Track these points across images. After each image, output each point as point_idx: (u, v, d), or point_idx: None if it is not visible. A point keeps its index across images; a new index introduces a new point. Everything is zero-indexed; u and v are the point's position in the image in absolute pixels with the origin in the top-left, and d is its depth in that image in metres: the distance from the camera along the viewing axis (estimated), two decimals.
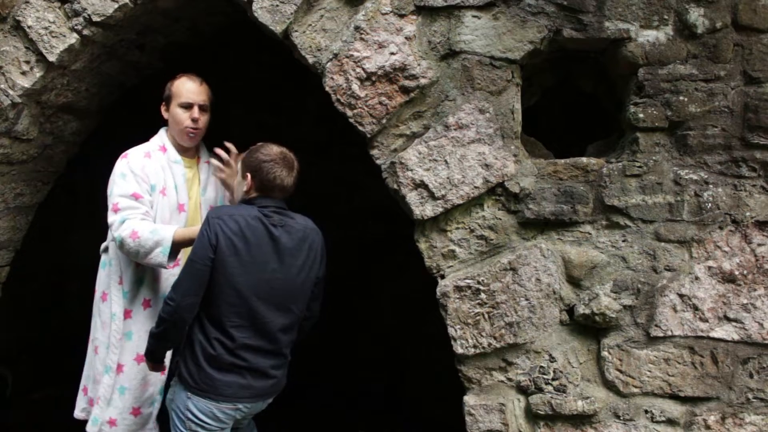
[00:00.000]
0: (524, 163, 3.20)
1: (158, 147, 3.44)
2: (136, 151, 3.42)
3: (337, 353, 5.81)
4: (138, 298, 3.39)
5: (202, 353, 3.02)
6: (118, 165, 3.37)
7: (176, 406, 3.11)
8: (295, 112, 5.87)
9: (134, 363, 3.37)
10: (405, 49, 3.18)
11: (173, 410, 3.14)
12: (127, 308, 3.39)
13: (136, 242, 3.16)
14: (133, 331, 3.38)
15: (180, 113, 3.38)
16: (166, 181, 3.39)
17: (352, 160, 4.88)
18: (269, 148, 3.15)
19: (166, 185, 3.38)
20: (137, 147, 3.45)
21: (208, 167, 3.58)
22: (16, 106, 3.53)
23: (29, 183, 3.92)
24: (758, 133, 3.10)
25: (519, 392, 3.22)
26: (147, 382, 3.39)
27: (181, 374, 3.08)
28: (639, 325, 3.16)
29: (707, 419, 3.13)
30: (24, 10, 3.45)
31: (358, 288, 5.96)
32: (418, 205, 3.22)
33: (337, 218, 5.82)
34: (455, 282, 3.21)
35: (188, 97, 3.38)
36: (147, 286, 3.40)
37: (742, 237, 3.12)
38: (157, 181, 3.36)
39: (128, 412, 3.35)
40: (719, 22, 3.09)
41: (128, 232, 3.18)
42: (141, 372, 3.36)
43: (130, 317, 3.39)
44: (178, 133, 3.42)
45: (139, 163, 3.35)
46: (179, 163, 3.44)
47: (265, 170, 3.08)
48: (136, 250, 3.18)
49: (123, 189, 3.28)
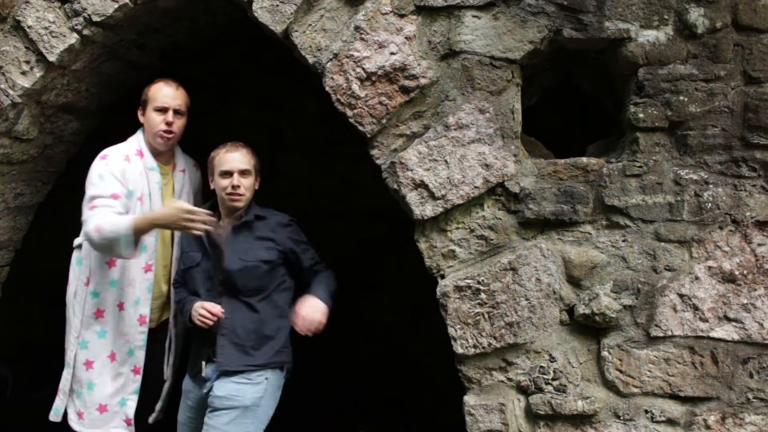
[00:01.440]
0: (524, 163, 3.19)
1: (136, 151, 3.46)
2: (115, 152, 3.43)
3: (337, 353, 5.80)
4: (113, 299, 3.41)
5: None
6: (96, 165, 3.37)
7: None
8: (295, 112, 5.86)
9: (107, 360, 3.42)
10: (405, 49, 3.18)
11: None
12: (100, 308, 3.42)
13: (100, 235, 3.18)
14: (107, 330, 3.42)
15: (155, 117, 3.43)
16: (142, 188, 3.41)
17: (352, 160, 4.88)
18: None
19: (143, 192, 3.40)
20: (116, 148, 3.47)
21: (183, 176, 3.62)
22: (16, 106, 3.53)
23: (29, 183, 3.92)
24: (758, 133, 3.10)
25: (519, 392, 3.22)
26: (116, 380, 3.43)
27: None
28: (639, 325, 3.16)
29: (707, 419, 3.12)
30: (24, 10, 3.44)
31: (358, 288, 5.95)
32: (418, 205, 3.21)
33: (337, 218, 5.83)
34: (455, 282, 3.21)
35: (163, 101, 3.43)
36: (122, 288, 3.41)
37: (742, 237, 3.12)
38: (135, 187, 3.38)
39: (94, 408, 3.41)
40: (719, 22, 3.09)
41: (93, 227, 3.20)
42: (112, 370, 3.41)
43: (102, 317, 3.42)
44: (152, 137, 3.45)
45: (119, 166, 3.37)
46: (155, 170, 3.47)
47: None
48: (100, 244, 3.21)
49: (101, 189, 3.30)
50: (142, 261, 3.42)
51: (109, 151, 3.44)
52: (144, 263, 3.43)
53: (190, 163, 3.72)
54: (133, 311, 3.43)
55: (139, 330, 3.44)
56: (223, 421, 3.21)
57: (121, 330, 3.43)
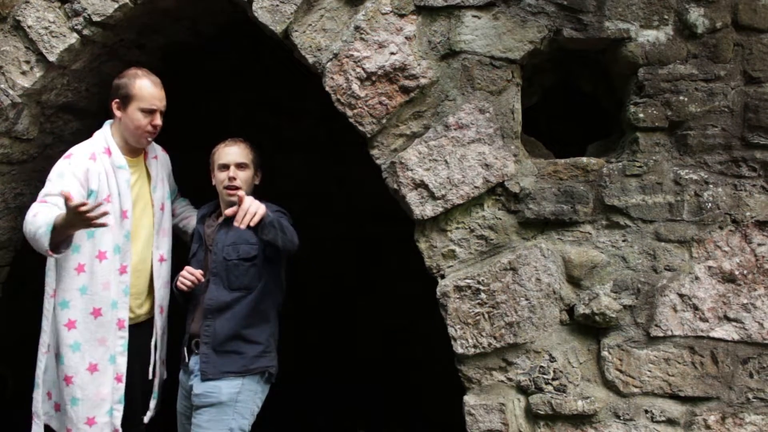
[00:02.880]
0: (524, 163, 3.20)
1: (103, 149, 3.36)
2: (80, 151, 3.34)
3: (337, 353, 5.81)
4: (85, 306, 3.29)
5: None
6: (59, 163, 3.30)
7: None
8: (295, 112, 5.86)
9: (86, 373, 3.29)
10: (405, 49, 3.18)
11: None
12: (71, 318, 3.28)
13: (31, 222, 3.09)
14: (80, 341, 3.28)
15: (141, 117, 3.34)
16: (110, 187, 3.32)
17: (352, 160, 4.88)
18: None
19: (110, 191, 3.32)
20: (82, 145, 3.38)
21: (156, 162, 3.55)
22: (16, 106, 3.53)
23: (29, 183, 3.92)
24: (758, 133, 3.10)
25: (519, 392, 3.22)
26: (99, 391, 3.31)
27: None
28: (639, 325, 3.16)
29: (707, 419, 3.13)
30: (24, 10, 3.44)
31: (358, 288, 5.96)
32: (418, 205, 3.21)
33: (336, 217, 5.83)
34: (455, 282, 3.21)
35: (152, 103, 3.34)
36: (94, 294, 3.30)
37: (742, 237, 3.12)
38: (99, 187, 3.29)
39: (82, 423, 3.29)
40: (719, 22, 3.09)
41: (31, 214, 3.12)
42: (94, 381, 3.29)
43: (74, 327, 3.28)
44: (133, 135, 3.38)
45: (83, 166, 3.27)
46: (123, 168, 3.37)
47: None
48: (29, 230, 3.10)
49: (55, 188, 3.19)
50: (116, 263, 3.32)
51: (75, 150, 3.35)
52: (119, 265, 3.33)
53: (158, 148, 3.63)
54: (111, 315, 3.32)
55: (118, 335, 3.34)
56: (204, 419, 3.25)
57: (99, 337, 3.31)
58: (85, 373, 3.30)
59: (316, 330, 5.81)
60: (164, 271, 3.54)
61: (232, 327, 3.27)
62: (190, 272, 3.34)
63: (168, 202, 3.61)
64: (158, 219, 3.53)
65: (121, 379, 3.36)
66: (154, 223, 3.50)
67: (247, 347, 3.29)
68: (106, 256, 3.30)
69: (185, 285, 3.34)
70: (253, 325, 3.30)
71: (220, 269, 3.33)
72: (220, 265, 3.33)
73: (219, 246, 3.36)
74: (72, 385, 3.30)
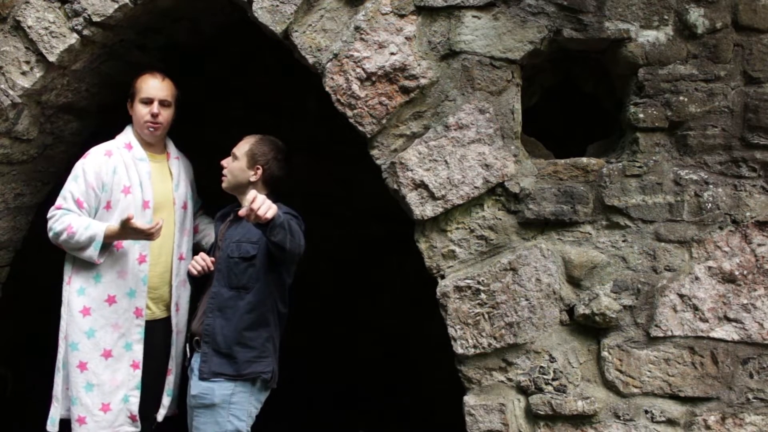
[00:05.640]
0: (524, 163, 3.20)
1: (123, 144, 3.52)
2: (97, 150, 3.50)
3: (337, 353, 5.80)
4: (99, 294, 3.39)
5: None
6: (77, 164, 3.47)
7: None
8: (295, 112, 5.86)
9: (101, 359, 3.38)
10: (405, 49, 3.18)
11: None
12: (86, 305, 3.40)
13: (71, 236, 3.31)
14: (95, 328, 3.39)
15: (141, 108, 3.49)
16: (131, 179, 3.44)
17: (352, 160, 4.88)
18: (276, 144, 3.50)
19: (131, 183, 3.43)
20: (101, 145, 3.54)
21: (178, 163, 3.67)
22: (16, 106, 3.53)
23: (29, 183, 3.92)
24: (758, 133, 3.10)
25: (519, 392, 3.22)
26: (114, 377, 3.38)
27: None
28: (639, 325, 3.16)
29: (707, 419, 3.13)
30: (24, 10, 3.44)
31: (358, 288, 5.96)
32: (418, 205, 3.21)
33: (337, 218, 5.83)
34: (455, 282, 3.21)
35: (148, 92, 3.48)
36: (110, 282, 3.40)
37: (742, 237, 3.12)
38: (117, 180, 3.41)
39: (97, 409, 3.36)
40: (719, 23, 3.09)
41: (64, 226, 3.33)
42: (108, 368, 3.37)
43: (89, 314, 3.39)
44: (140, 128, 3.52)
45: (96, 164, 3.43)
46: (144, 160, 3.51)
47: (277, 166, 3.43)
48: (68, 243, 3.32)
49: (71, 190, 3.41)
50: (135, 252, 3.41)
51: (92, 150, 3.52)
52: (137, 254, 3.42)
53: (181, 153, 3.76)
54: (127, 303, 3.40)
55: (135, 323, 3.41)
56: (201, 421, 3.28)
57: (114, 324, 3.39)
58: (99, 359, 3.38)
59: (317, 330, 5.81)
60: (183, 270, 3.58)
61: (230, 327, 3.27)
62: (202, 257, 3.41)
63: (191, 203, 3.68)
64: (180, 217, 3.59)
65: (137, 366, 3.43)
66: (175, 221, 3.56)
67: (242, 352, 3.27)
68: (123, 245, 3.39)
69: (195, 269, 3.39)
70: (251, 328, 3.29)
71: (224, 266, 3.34)
72: (223, 262, 3.34)
73: (226, 242, 3.38)
74: (86, 371, 3.37)
